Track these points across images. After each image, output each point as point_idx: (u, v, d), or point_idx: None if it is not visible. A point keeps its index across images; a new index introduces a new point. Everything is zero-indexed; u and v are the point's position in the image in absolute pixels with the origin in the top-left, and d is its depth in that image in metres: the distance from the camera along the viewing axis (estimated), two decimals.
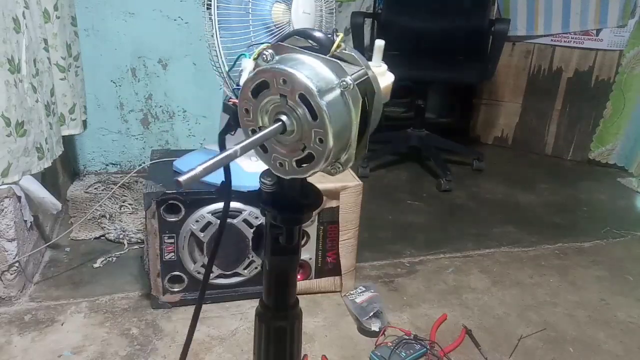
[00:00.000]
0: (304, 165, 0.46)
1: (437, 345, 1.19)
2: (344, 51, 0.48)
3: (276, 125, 0.44)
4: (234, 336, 1.22)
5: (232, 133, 0.54)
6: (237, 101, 0.48)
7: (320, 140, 0.43)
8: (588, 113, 2.53)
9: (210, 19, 1.14)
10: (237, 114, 0.48)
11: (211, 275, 1.28)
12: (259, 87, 0.45)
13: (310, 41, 0.51)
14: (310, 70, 0.44)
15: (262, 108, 0.45)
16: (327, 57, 0.46)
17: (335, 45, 0.48)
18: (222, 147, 0.59)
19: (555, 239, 1.78)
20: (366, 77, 0.46)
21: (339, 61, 0.45)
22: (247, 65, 0.46)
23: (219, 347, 1.18)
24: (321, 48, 0.49)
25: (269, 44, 0.47)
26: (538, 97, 2.65)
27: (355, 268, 1.42)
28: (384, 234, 1.77)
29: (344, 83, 0.43)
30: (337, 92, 0.43)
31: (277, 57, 0.46)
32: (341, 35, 0.48)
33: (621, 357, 1.22)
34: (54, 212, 1.43)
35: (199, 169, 0.37)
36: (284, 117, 0.44)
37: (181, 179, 0.36)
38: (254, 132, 0.47)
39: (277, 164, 0.47)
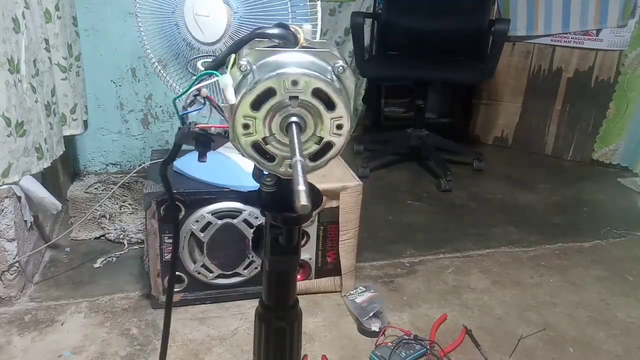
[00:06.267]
0: (322, 157, 0.47)
1: (437, 345, 1.19)
2: (314, 40, 0.50)
3: (295, 129, 0.44)
4: (234, 336, 1.22)
5: (204, 160, 0.54)
6: (205, 126, 0.47)
7: (339, 127, 0.45)
8: (588, 113, 2.53)
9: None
10: (203, 141, 0.48)
11: (211, 275, 1.28)
12: (261, 98, 0.44)
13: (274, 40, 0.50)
14: (311, 65, 0.45)
15: (266, 117, 0.45)
16: (315, 49, 0.47)
17: (302, 37, 0.49)
18: (165, 180, 0.58)
19: (555, 239, 1.78)
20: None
21: (326, 49, 0.47)
22: (228, 82, 0.45)
23: (219, 347, 1.18)
24: (287, 43, 0.49)
25: (238, 53, 0.46)
26: (538, 97, 2.64)
27: (355, 268, 1.42)
28: (384, 234, 1.77)
29: (341, 68, 0.45)
30: (335, 77, 0.45)
31: (255, 65, 0.45)
32: (303, 27, 0.49)
33: (621, 357, 1.22)
34: (54, 212, 1.43)
35: (302, 187, 0.37)
36: (294, 119, 0.44)
37: (302, 203, 0.36)
38: (256, 145, 0.46)
39: (289, 167, 0.47)
